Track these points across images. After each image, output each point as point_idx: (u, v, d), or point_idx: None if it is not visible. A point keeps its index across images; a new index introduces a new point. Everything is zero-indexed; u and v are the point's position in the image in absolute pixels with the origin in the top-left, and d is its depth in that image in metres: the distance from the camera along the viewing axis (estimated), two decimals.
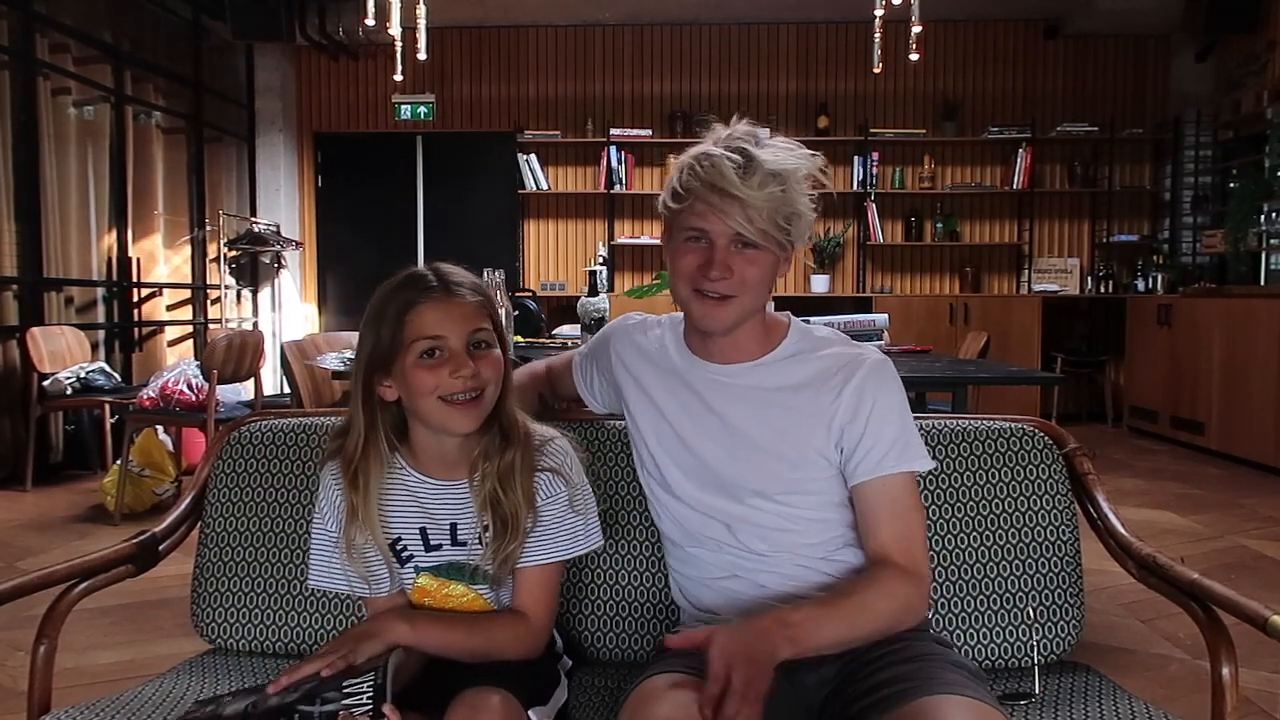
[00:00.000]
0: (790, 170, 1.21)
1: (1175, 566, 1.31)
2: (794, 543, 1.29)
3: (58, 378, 4.68)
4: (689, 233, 1.25)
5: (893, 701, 1.10)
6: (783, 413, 1.30)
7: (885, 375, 1.30)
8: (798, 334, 1.36)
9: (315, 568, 1.31)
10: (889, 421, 1.27)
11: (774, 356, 1.33)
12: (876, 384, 1.28)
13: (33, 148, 5.05)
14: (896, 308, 6.76)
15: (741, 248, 1.23)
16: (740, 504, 1.30)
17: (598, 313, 3.12)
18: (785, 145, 1.24)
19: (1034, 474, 1.52)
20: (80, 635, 2.73)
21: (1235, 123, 6.50)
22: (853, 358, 1.30)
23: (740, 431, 1.31)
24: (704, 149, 1.24)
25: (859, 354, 1.31)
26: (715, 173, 1.20)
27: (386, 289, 1.24)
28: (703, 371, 1.35)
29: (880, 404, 1.27)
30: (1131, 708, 1.27)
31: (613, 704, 1.28)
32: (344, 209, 7.59)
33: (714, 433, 1.32)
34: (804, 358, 1.32)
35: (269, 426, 1.64)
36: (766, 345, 1.34)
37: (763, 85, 7.36)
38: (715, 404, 1.32)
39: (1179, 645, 2.69)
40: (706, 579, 1.34)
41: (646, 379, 1.39)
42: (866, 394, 1.27)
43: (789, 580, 1.28)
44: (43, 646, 1.32)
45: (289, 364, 3.76)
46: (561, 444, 1.31)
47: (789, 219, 1.22)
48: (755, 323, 1.32)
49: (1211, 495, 4.71)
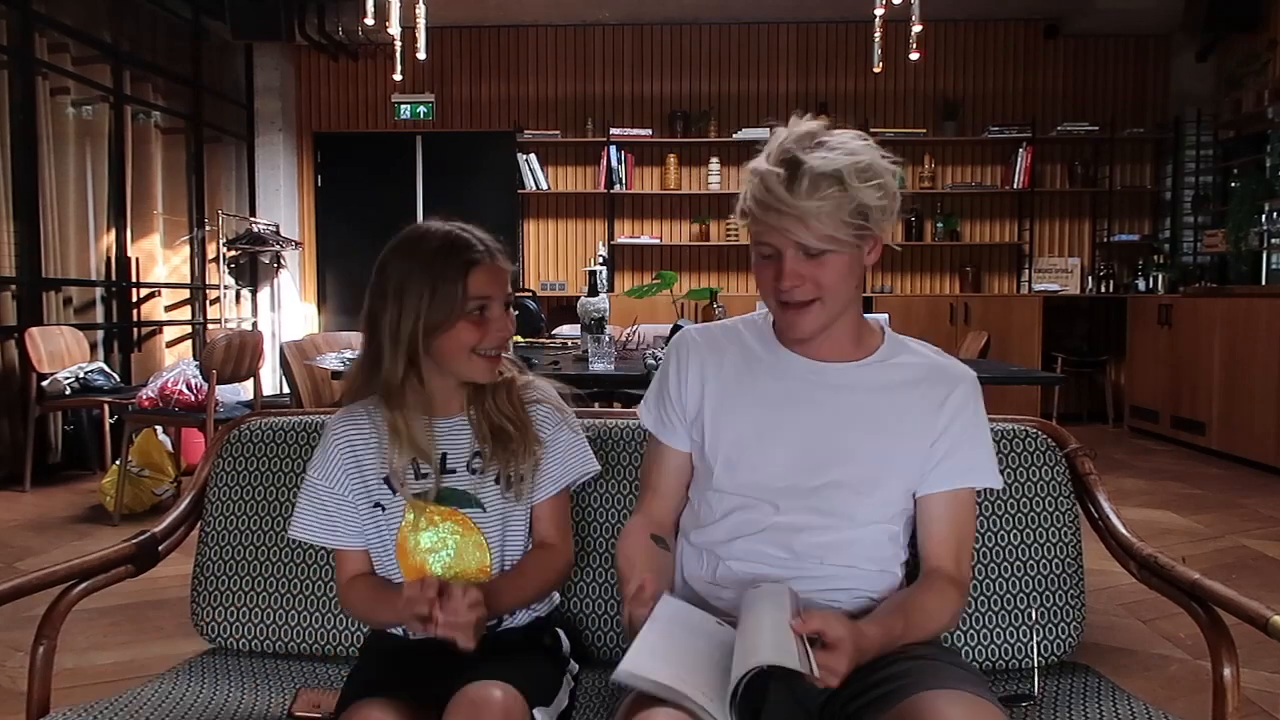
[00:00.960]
0: (844, 167, 1.17)
1: (1176, 567, 1.31)
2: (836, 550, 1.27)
3: (57, 378, 4.68)
4: (761, 249, 1.25)
5: (891, 699, 1.10)
6: (882, 412, 1.29)
7: (978, 390, 1.33)
8: (894, 341, 1.36)
9: (303, 519, 1.35)
10: (980, 438, 1.32)
11: (873, 360, 1.33)
12: (976, 399, 1.32)
13: (32, 147, 5.05)
14: (897, 307, 6.76)
15: (809, 256, 1.21)
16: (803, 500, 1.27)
17: (597, 312, 3.12)
18: (841, 141, 1.21)
19: (1035, 474, 1.52)
20: (80, 636, 2.73)
21: (1236, 122, 6.50)
22: (953, 369, 1.34)
23: (829, 429, 1.28)
24: (755, 164, 1.22)
25: (958, 366, 1.35)
26: (764, 190, 1.19)
27: (431, 248, 1.30)
28: (794, 365, 1.32)
29: (977, 419, 1.32)
30: (1132, 708, 1.27)
31: (613, 704, 1.28)
32: (343, 209, 7.58)
33: (801, 428, 1.29)
34: (903, 364, 1.33)
35: (268, 425, 1.64)
36: (864, 349, 1.34)
37: (763, 85, 7.35)
38: (807, 394, 1.30)
39: (1180, 645, 2.69)
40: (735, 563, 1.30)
41: (727, 366, 1.35)
42: (968, 407, 1.31)
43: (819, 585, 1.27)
44: (42, 647, 1.32)
45: (288, 364, 3.76)
46: (540, 381, 1.43)
47: (856, 214, 1.18)
48: (850, 323, 1.32)
49: (1212, 495, 4.71)
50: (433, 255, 1.29)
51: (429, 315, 1.27)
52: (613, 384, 3.27)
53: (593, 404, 3.56)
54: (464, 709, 1.12)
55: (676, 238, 7.40)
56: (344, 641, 1.56)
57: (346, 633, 1.56)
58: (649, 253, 7.39)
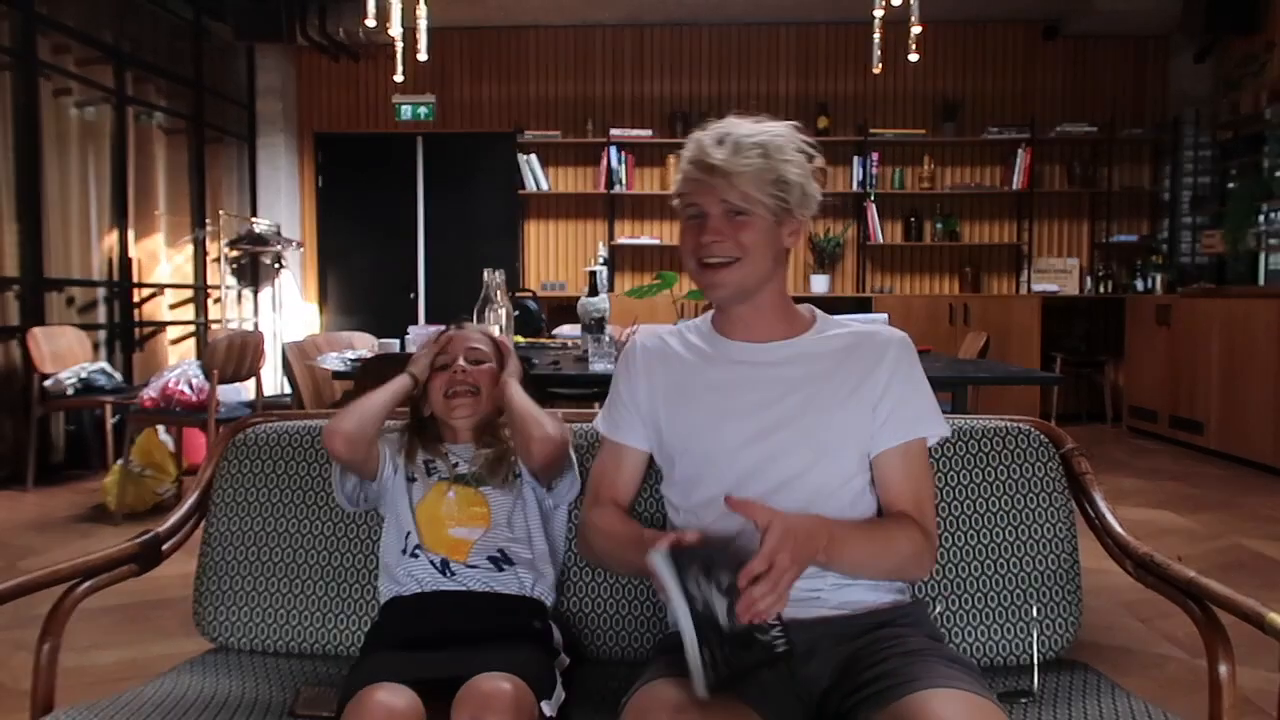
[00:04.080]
0: (769, 140, 1.30)
1: (1172, 565, 1.32)
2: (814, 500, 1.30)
3: (59, 378, 4.68)
4: (689, 211, 1.35)
5: (890, 695, 1.11)
6: (820, 380, 1.34)
7: (910, 348, 1.40)
8: (824, 320, 1.44)
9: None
10: (920, 390, 1.37)
11: (807, 335, 1.40)
12: (910, 356, 1.38)
13: (34, 148, 5.06)
14: (896, 308, 6.77)
15: (734, 215, 1.30)
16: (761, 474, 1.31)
17: (598, 313, 3.12)
18: (769, 125, 1.33)
19: (1032, 473, 1.53)
20: (83, 635, 2.73)
21: (1234, 123, 6.50)
22: (882, 332, 1.40)
23: (773, 402, 1.34)
24: (692, 135, 1.35)
25: (885, 330, 1.41)
26: (698, 149, 1.31)
27: None
28: (733, 350, 1.39)
29: (912, 375, 1.37)
30: (1130, 706, 1.28)
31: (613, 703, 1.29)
32: (344, 209, 7.59)
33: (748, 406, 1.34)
34: (836, 336, 1.39)
35: (273, 429, 1.65)
36: (795, 328, 1.40)
37: (763, 85, 7.36)
38: (749, 374, 1.36)
39: (1177, 644, 2.70)
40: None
41: (673, 369, 1.42)
42: (901, 365, 1.36)
43: None
44: (46, 646, 1.33)
45: (290, 364, 3.78)
46: None
47: (777, 184, 1.30)
48: (778, 302, 1.39)
49: (1210, 495, 4.71)
50: None
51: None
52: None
53: (593, 404, 3.58)
54: (475, 700, 1.14)
55: (676, 238, 7.36)
56: (345, 641, 1.57)
57: (348, 632, 1.57)
58: (649, 253, 7.40)
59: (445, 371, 1.57)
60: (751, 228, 1.31)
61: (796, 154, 1.32)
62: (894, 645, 1.21)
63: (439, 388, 1.56)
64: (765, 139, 1.30)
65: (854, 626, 1.26)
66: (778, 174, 1.30)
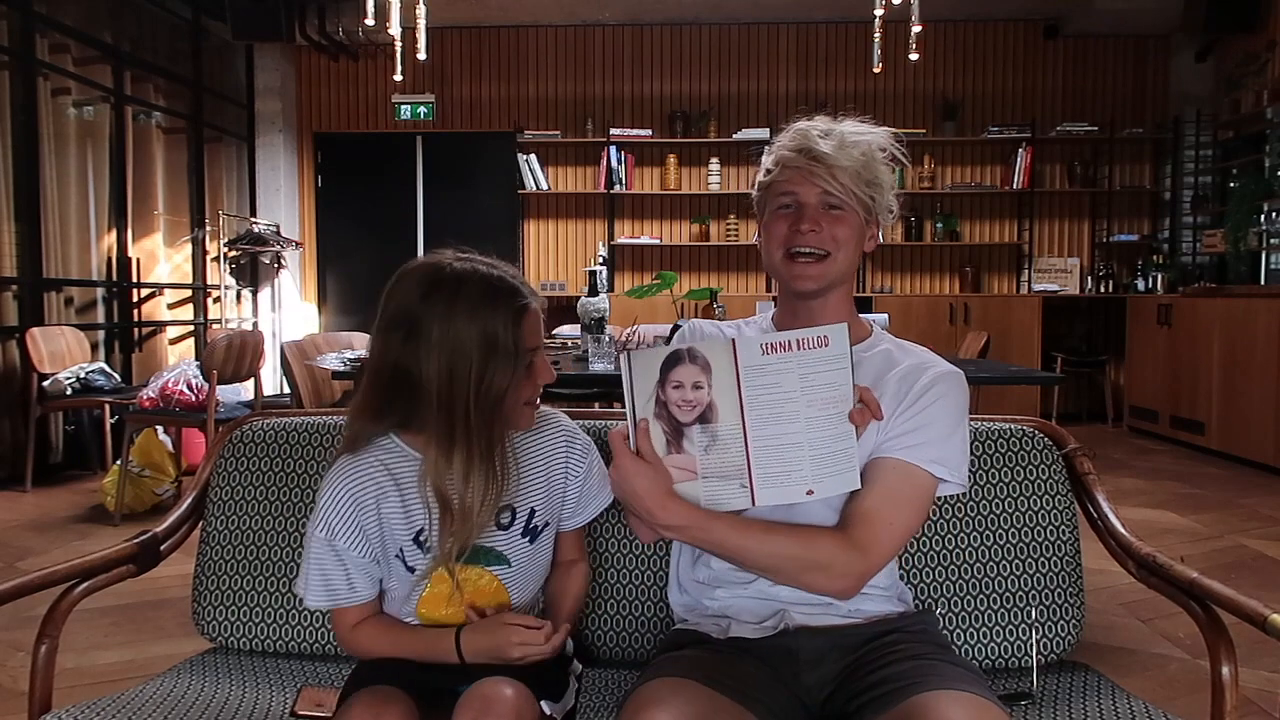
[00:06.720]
0: (868, 140, 1.32)
1: (1175, 566, 1.31)
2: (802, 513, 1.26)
3: (58, 378, 4.68)
4: (780, 200, 1.33)
5: (892, 698, 1.11)
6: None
7: (954, 383, 1.30)
8: (878, 334, 1.40)
9: (318, 584, 1.25)
10: (937, 420, 1.25)
11: (864, 346, 1.36)
12: (944, 385, 1.28)
13: (33, 148, 5.05)
14: (896, 308, 6.77)
15: (829, 209, 1.30)
16: None
17: (597, 313, 3.11)
18: (872, 126, 1.35)
19: (1034, 474, 1.53)
20: (81, 635, 2.73)
21: (1235, 122, 6.50)
22: (935, 362, 1.33)
23: None
24: (793, 126, 1.34)
25: (941, 364, 1.33)
26: (802, 138, 1.31)
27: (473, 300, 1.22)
28: None
29: (947, 408, 1.27)
30: (1131, 707, 1.28)
31: (615, 704, 1.28)
32: (344, 209, 7.58)
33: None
34: (893, 355, 1.35)
35: (270, 426, 1.64)
36: (857, 335, 1.35)
37: (762, 85, 7.36)
38: None
39: (1179, 645, 2.69)
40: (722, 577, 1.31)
41: None
42: (932, 390, 1.27)
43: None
44: (44, 646, 1.32)
45: (289, 364, 3.77)
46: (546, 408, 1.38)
47: (870, 185, 1.30)
48: (845, 302, 1.37)
49: (1211, 495, 4.71)
50: (477, 308, 1.21)
51: (491, 381, 1.20)
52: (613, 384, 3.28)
53: (593, 404, 3.57)
54: (476, 705, 1.13)
55: (676, 238, 7.40)
56: None
57: None
58: (649, 253, 7.40)
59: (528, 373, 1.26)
60: (845, 223, 1.30)
61: (888, 163, 1.34)
62: (898, 650, 1.20)
63: (520, 399, 1.25)
64: (869, 139, 1.32)
65: (861, 634, 1.26)
66: (873, 174, 1.31)
